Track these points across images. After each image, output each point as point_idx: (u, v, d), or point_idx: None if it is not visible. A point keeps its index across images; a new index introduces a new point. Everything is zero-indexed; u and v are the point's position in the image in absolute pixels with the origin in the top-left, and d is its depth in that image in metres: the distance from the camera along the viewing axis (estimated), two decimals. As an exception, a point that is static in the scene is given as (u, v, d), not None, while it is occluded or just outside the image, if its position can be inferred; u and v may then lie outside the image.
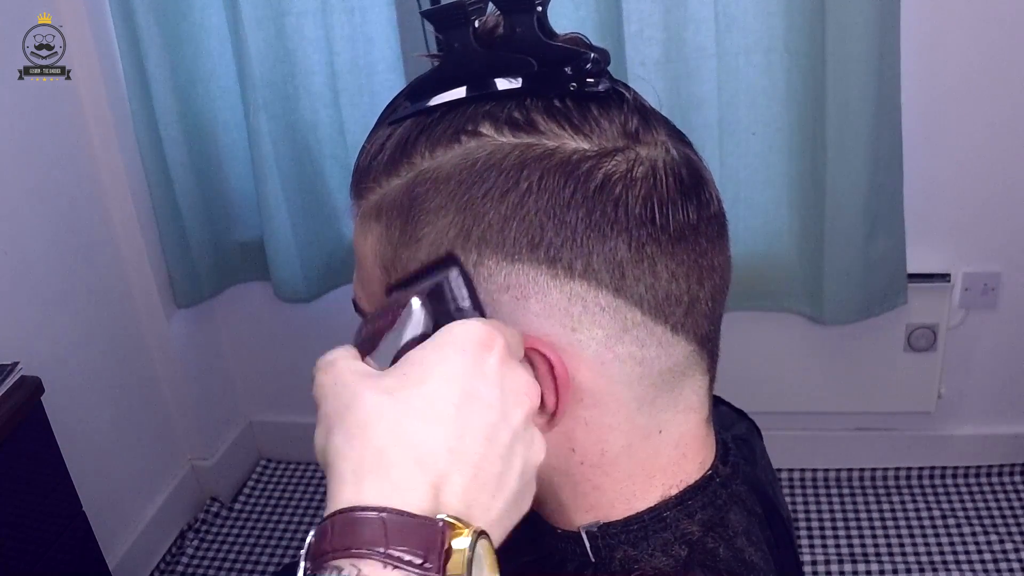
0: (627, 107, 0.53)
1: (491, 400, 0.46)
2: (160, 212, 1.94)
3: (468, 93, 0.54)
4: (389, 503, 0.42)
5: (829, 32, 1.56)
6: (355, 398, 0.45)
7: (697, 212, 0.53)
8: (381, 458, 0.43)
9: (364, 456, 0.43)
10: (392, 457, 0.43)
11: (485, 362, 0.47)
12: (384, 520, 0.41)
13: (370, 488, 0.42)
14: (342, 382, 0.47)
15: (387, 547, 0.40)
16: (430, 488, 0.43)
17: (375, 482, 0.43)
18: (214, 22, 1.83)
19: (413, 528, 0.41)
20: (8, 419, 1.40)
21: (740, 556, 0.57)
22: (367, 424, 0.44)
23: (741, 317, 1.88)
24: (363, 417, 0.44)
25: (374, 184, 0.55)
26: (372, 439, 0.44)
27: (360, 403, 0.45)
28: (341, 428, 0.45)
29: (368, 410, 0.45)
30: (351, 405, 0.45)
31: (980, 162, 1.80)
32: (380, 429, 0.44)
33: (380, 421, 0.44)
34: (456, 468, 0.44)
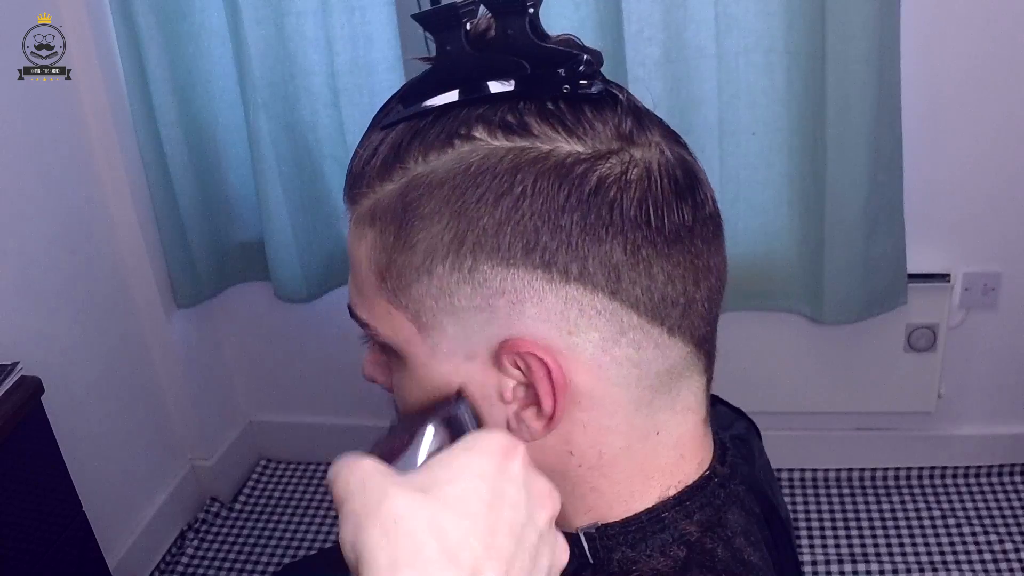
0: (621, 109, 0.53)
1: (518, 500, 0.47)
2: (160, 212, 1.94)
3: (461, 96, 0.54)
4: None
5: (829, 32, 1.56)
6: (386, 495, 0.45)
7: (692, 213, 0.52)
8: (418, 552, 0.43)
9: (399, 550, 0.43)
10: (428, 552, 0.43)
11: (510, 465, 0.47)
12: None
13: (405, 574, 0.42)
14: (372, 480, 0.46)
15: None
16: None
17: (410, 570, 0.43)
18: (214, 22, 1.83)
19: None
20: (8, 419, 1.40)
21: (739, 556, 0.57)
22: (401, 519, 0.44)
23: (741, 317, 1.88)
24: (397, 512, 0.44)
25: (368, 189, 0.55)
26: (407, 533, 0.43)
27: (392, 499, 0.45)
28: (374, 523, 0.44)
29: (401, 505, 0.44)
30: (382, 501, 0.45)
31: (980, 162, 1.80)
32: (415, 524, 0.44)
33: (414, 516, 0.44)
34: (489, 564, 0.44)
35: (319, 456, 2.37)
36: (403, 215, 0.52)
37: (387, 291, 0.54)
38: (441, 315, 0.53)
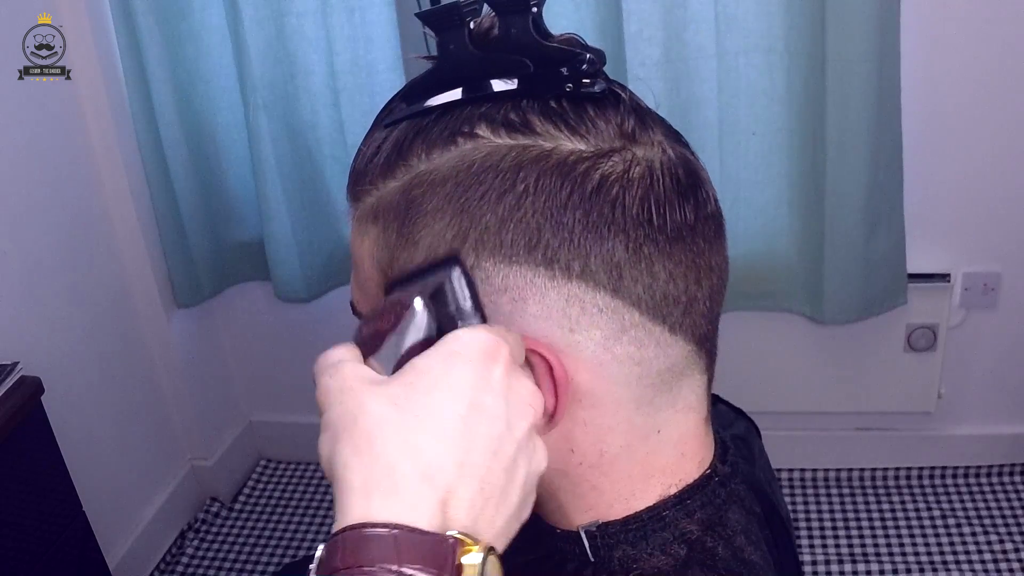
0: (623, 108, 0.53)
1: (497, 412, 0.46)
2: (160, 212, 1.94)
3: (464, 95, 0.54)
4: (399, 519, 0.42)
5: (829, 32, 1.56)
6: (361, 408, 0.45)
7: (694, 212, 0.53)
8: (390, 473, 0.43)
9: (372, 470, 0.43)
10: (401, 472, 0.43)
11: (491, 373, 0.47)
12: (396, 537, 0.41)
13: (379, 504, 0.42)
14: (348, 388, 0.46)
15: (400, 564, 0.40)
16: (438, 503, 0.43)
17: (384, 498, 0.42)
18: (214, 22, 1.83)
19: (425, 545, 0.41)
20: (8, 419, 1.40)
21: (739, 555, 0.57)
22: (374, 437, 0.44)
23: (741, 317, 1.88)
24: (370, 428, 0.44)
25: (370, 187, 0.55)
26: (380, 453, 0.43)
27: (367, 413, 0.45)
28: (348, 439, 0.44)
29: (375, 421, 0.44)
30: (357, 415, 0.45)
31: (980, 162, 1.80)
32: (388, 443, 0.44)
33: (388, 434, 0.44)
34: (463, 483, 0.44)
35: (318, 456, 2.36)
36: (406, 212, 0.53)
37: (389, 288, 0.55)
38: None
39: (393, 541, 0.41)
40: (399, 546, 0.41)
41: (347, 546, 0.41)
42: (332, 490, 0.44)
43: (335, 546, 0.41)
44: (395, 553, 0.41)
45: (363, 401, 0.45)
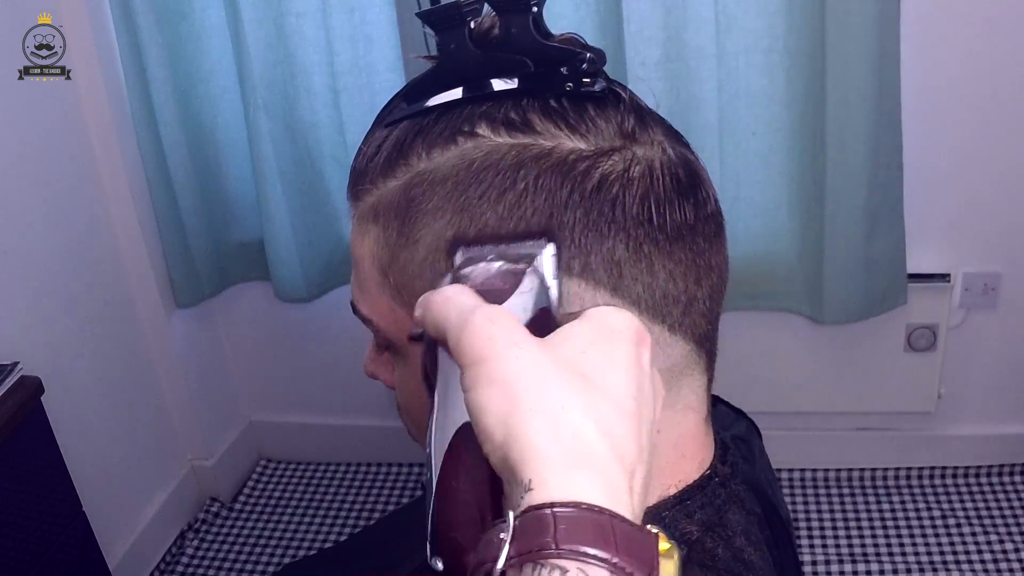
0: (623, 107, 0.53)
1: (650, 397, 0.44)
2: (160, 212, 1.94)
3: (464, 94, 0.54)
4: (605, 504, 0.38)
5: (829, 32, 1.56)
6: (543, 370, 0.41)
7: (694, 211, 0.53)
8: (589, 451, 0.39)
9: (571, 444, 0.39)
10: (599, 451, 0.39)
11: (643, 357, 0.44)
12: (613, 527, 0.37)
13: (584, 483, 0.38)
14: (518, 343, 0.41)
15: (615, 556, 0.37)
16: (627, 488, 0.40)
17: (588, 477, 0.39)
18: (214, 22, 1.83)
19: (635, 539, 0.38)
20: (8, 419, 1.40)
21: (739, 556, 0.57)
22: (566, 407, 0.40)
23: (741, 317, 1.88)
24: (560, 397, 0.40)
25: (371, 186, 0.55)
26: (575, 426, 0.40)
27: (552, 380, 0.41)
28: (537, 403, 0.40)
29: (563, 390, 0.40)
30: (542, 379, 0.41)
31: (980, 162, 1.80)
32: (582, 417, 0.40)
33: (579, 407, 0.40)
34: (639, 467, 0.41)
35: (319, 456, 2.37)
36: (406, 211, 0.53)
37: (389, 287, 0.55)
38: None
39: (610, 529, 0.37)
40: (615, 535, 0.37)
41: (561, 523, 0.37)
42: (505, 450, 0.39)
43: (544, 520, 0.37)
44: (612, 543, 0.37)
45: (543, 363, 0.41)
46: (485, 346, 0.42)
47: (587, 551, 0.36)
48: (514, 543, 0.37)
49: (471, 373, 0.41)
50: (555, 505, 0.37)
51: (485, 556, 0.38)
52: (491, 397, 0.41)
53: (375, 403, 2.07)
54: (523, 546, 0.37)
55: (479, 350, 0.42)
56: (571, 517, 0.37)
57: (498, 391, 0.41)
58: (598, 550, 0.36)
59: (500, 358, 0.41)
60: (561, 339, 0.43)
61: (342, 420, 2.30)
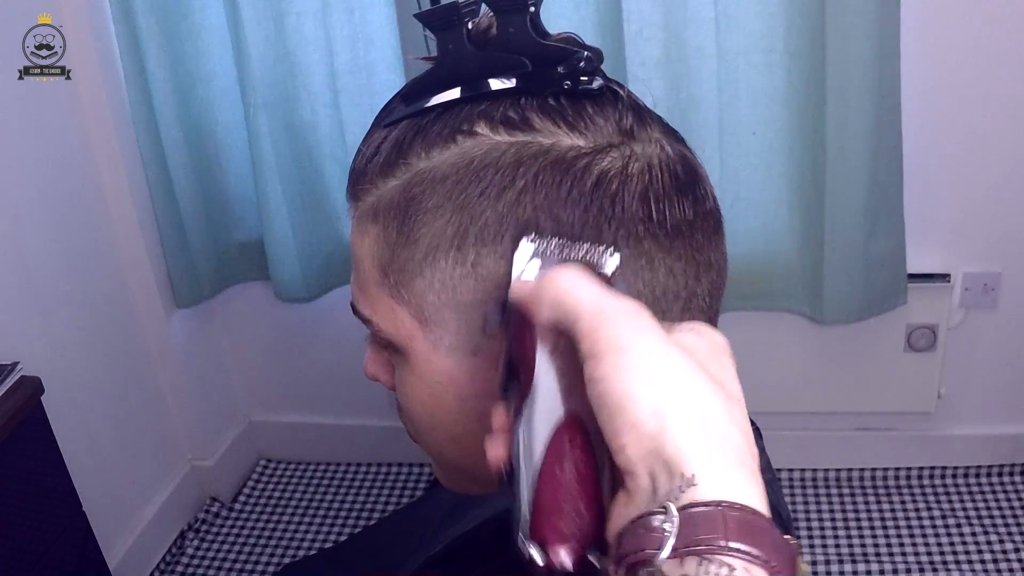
0: (621, 104, 0.53)
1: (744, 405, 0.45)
2: (160, 212, 1.94)
3: (463, 94, 0.54)
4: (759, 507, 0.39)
5: (829, 32, 1.56)
6: (691, 371, 0.41)
7: (693, 208, 0.53)
8: (742, 453, 0.40)
9: (724, 445, 0.40)
10: (746, 456, 0.40)
11: (734, 366, 0.46)
12: (770, 530, 0.38)
13: (743, 484, 0.39)
14: (660, 338, 0.42)
15: (773, 559, 0.37)
16: (763, 496, 0.40)
17: (746, 479, 0.39)
18: (214, 22, 1.83)
19: (781, 542, 0.38)
20: (8, 419, 1.40)
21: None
22: (715, 407, 0.41)
23: (741, 317, 1.88)
24: (708, 397, 0.41)
25: (370, 186, 0.55)
26: (727, 428, 0.40)
27: (700, 380, 0.41)
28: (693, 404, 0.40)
29: (710, 391, 0.41)
30: (692, 382, 0.41)
31: (980, 162, 1.80)
32: (729, 418, 0.41)
33: (723, 409, 0.41)
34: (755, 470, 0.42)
35: (319, 456, 2.37)
36: (406, 210, 0.53)
37: (389, 287, 0.55)
38: (444, 310, 0.53)
39: (768, 531, 0.38)
40: (773, 540, 0.38)
41: (729, 522, 0.37)
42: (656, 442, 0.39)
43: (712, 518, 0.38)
44: (769, 544, 0.38)
45: (690, 364, 0.42)
46: (633, 337, 0.42)
47: (751, 551, 0.37)
48: (679, 536, 0.37)
49: (613, 361, 0.41)
50: (722, 503, 0.38)
51: (642, 545, 0.38)
52: (645, 387, 0.41)
53: (375, 403, 2.07)
54: (689, 540, 0.37)
55: (625, 339, 0.42)
56: (738, 517, 0.38)
57: (653, 383, 0.41)
58: (760, 551, 0.37)
59: (652, 351, 0.42)
60: (683, 345, 0.44)
61: (342, 420, 2.30)
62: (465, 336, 0.53)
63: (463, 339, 0.54)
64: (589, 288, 0.44)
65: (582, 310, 0.43)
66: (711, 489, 0.38)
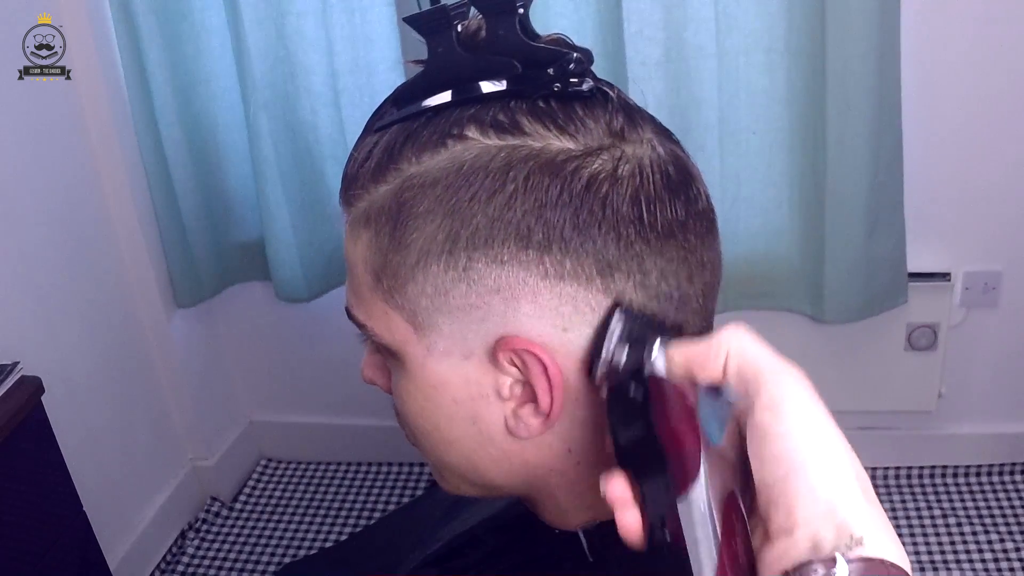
0: (612, 106, 0.53)
1: None
2: (160, 212, 1.94)
3: (453, 97, 0.54)
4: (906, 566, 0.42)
5: (829, 32, 1.56)
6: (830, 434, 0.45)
7: (685, 208, 0.53)
8: (879, 516, 0.43)
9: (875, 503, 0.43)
10: (880, 514, 0.43)
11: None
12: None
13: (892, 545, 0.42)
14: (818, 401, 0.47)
15: None
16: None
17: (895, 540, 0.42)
18: (214, 22, 1.83)
19: None
20: (8, 419, 1.40)
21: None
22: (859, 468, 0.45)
23: (741, 317, 1.86)
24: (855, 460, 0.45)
25: (362, 191, 0.55)
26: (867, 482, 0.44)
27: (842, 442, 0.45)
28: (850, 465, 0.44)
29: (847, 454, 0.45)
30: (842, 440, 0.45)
31: (980, 161, 1.80)
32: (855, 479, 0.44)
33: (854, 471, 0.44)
34: None
35: (319, 456, 2.37)
36: (397, 215, 0.53)
37: (383, 292, 0.55)
38: (436, 314, 0.53)
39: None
40: None
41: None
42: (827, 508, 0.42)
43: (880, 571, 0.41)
44: None
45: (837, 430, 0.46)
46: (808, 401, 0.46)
47: None
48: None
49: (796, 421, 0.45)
50: (885, 562, 0.41)
51: None
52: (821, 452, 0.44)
53: (375, 403, 2.06)
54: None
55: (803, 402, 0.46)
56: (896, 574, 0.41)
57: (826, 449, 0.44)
58: None
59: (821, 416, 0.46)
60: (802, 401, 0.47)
61: (342, 420, 2.30)
62: (458, 340, 0.53)
63: (456, 343, 0.54)
64: (763, 347, 0.49)
65: (763, 366, 0.47)
66: (875, 548, 0.41)
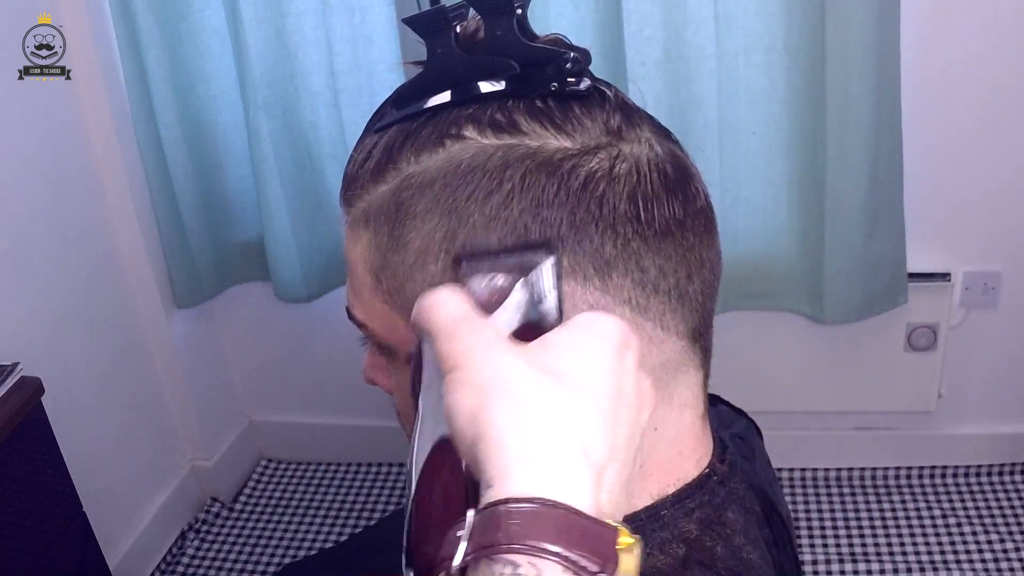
0: (609, 105, 0.53)
1: (632, 400, 0.44)
2: (160, 212, 1.94)
3: (452, 97, 0.54)
4: (562, 499, 0.38)
5: (829, 32, 1.56)
6: (516, 371, 0.42)
7: (683, 207, 0.53)
8: (553, 445, 0.40)
9: (534, 438, 0.40)
10: (563, 446, 0.40)
11: (627, 361, 0.45)
12: (568, 520, 0.38)
13: (542, 478, 0.39)
14: (495, 347, 0.43)
15: (568, 550, 0.37)
16: (593, 484, 0.40)
17: (547, 472, 0.39)
18: (214, 22, 1.83)
19: (591, 532, 0.38)
20: (8, 419, 1.40)
21: (738, 555, 0.57)
22: (533, 404, 0.41)
23: (741, 317, 1.88)
24: (529, 394, 0.41)
25: (362, 191, 0.55)
26: (541, 422, 0.40)
27: (524, 379, 0.42)
28: (504, 400, 0.41)
29: (533, 388, 0.41)
30: (513, 378, 0.42)
31: (980, 161, 1.80)
32: (549, 413, 0.41)
33: (548, 404, 0.41)
34: (610, 466, 0.41)
35: (319, 456, 2.37)
36: (396, 215, 0.53)
37: (382, 291, 0.55)
38: None
39: (564, 523, 0.38)
40: (570, 530, 0.38)
41: (513, 519, 0.38)
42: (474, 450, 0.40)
43: (496, 517, 0.38)
44: (565, 537, 0.37)
45: (516, 365, 0.42)
46: (463, 353, 0.43)
47: (537, 545, 0.37)
48: (471, 540, 0.38)
49: (449, 379, 0.42)
50: (510, 501, 0.38)
51: (444, 554, 0.39)
52: (463, 399, 0.42)
53: (375, 403, 2.06)
54: (478, 543, 0.38)
55: (457, 357, 0.43)
56: (524, 512, 0.38)
57: (469, 393, 0.42)
58: (549, 543, 0.37)
59: (475, 363, 0.42)
60: (540, 344, 0.44)
61: (342, 420, 2.30)
62: None
63: None
64: (447, 308, 0.45)
65: (435, 330, 0.44)
66: (503, 488, 0.38)
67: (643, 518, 0.57)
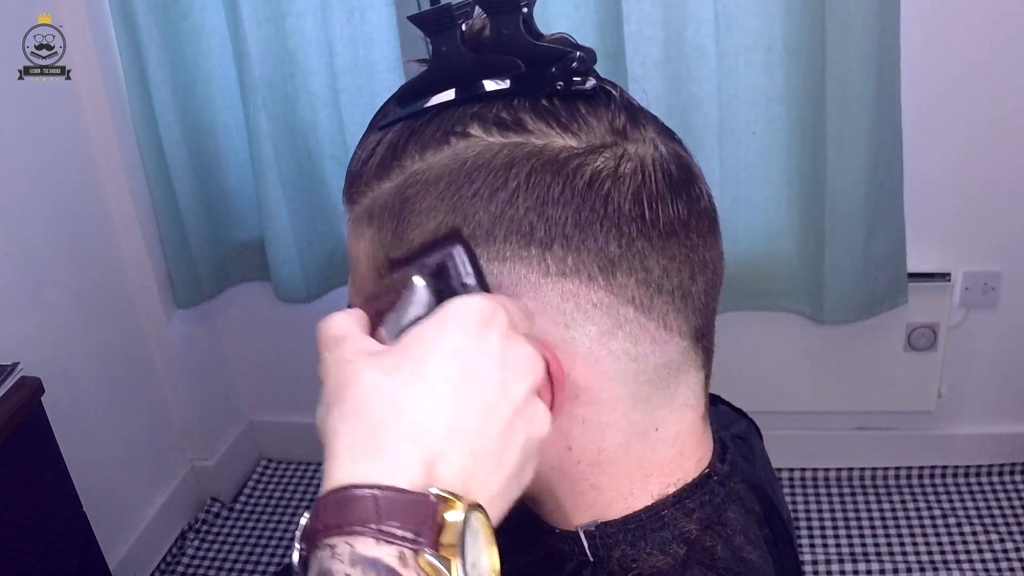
0: (614, 104, 0.53)
1: (491, 377, 0.46)
2: (160, 212, 1.94)
3: (457, 95, 0.54)
4: (382, 480, 0.41)
5: (829, 31, 1.56)
6: (355, 377, 0.45)
7: (687, 207, 0.53)
8: (375, 436, 0.43)
9: (358, 434, 0.43)
10: (387, 435, 0.43)
11: (486, 338, 0.46)
12: (376, 497, 0.41)
13: (363, 466, 0.42)
14: (345, 360, 0.46)
15: (379, 523, 0.40)
16: (423, 465, 0.43)
17: (368, 460, 0.42)
18: (214, 22, 1.83)
19: (405, 504, 0.41)
20: (8, 419, 1.40)
21: (738, 555, 0.57)
22: (362, 403, 0.44)
23: (741, 317, 1.88)
24: (359, 395, 0.44)
25: (366, 188, 0.55)
26: (367, 417, 0.44)
27: (359, 382, 0.45)
28: (338, 406, 0.45)
29: (365, 388, 0.44)
30: (349, 384, 0.45)
31: (980, 161, 1.80)
32: (375, 408, 0.44)
33: (376, 399, 0.44)
34: (452, 446, 0.44)
35: (319, 456, 2.35)
36: (400, 212, 0.53)
37: None
38: None
39: (373, 501, 0.41)
40: (379, 505, 0.41)
41: (328, 508, 0.41)
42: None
43: (317, 509, 0.42)
44: (375, 512, 0.41)
45: (357, 370, 0.45)
46: (324, 371, 0.48)
47: (348, 525, 0.40)
48: (302, 538, 0.42)
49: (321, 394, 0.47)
50: (328, 495, 0.42)
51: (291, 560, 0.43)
52: (317, 414, 0.46)
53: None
54: (305, 538, 0.42)
55: (322, 375, 0.48)
56: (338, 498, 0.41)
57: (321, 408, 0.46)
58: (359, 523, 0.40)
59: (329, 378, 0.47)
60: (400, 341, 0.47)
61: (342, 420, 2.30)
62: None
63: None
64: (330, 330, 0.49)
65: (318, 352, 0.49)
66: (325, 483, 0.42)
67: (644, 518, 0.57)
